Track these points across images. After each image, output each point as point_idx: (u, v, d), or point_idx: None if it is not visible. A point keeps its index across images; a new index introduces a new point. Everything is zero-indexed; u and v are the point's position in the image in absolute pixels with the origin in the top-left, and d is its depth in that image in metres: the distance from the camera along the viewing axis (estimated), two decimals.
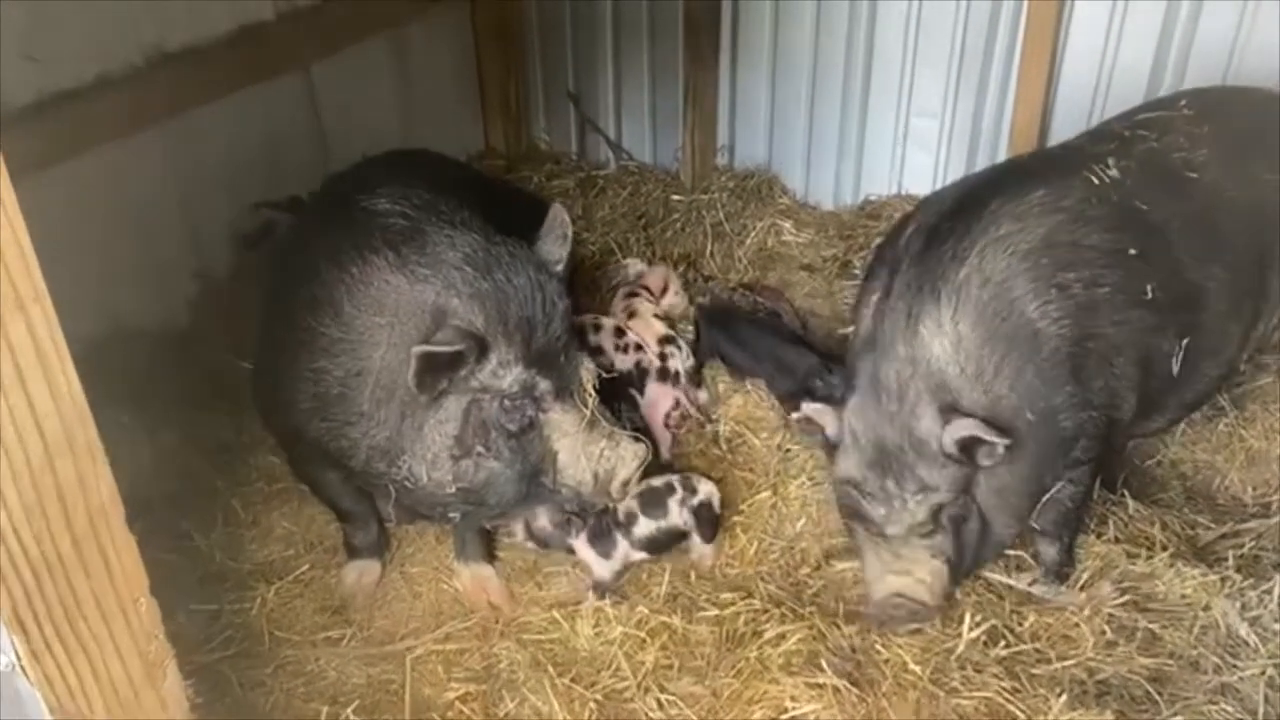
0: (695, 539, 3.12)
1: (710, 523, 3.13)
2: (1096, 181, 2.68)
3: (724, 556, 3.20)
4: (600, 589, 3.05)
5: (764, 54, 4.82)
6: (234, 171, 3.97)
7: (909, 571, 2.62)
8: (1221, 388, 3.36)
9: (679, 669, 2.80)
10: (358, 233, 2.67)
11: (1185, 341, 2.73)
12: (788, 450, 3.59)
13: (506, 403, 2.61)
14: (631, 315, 3.85)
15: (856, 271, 4.53)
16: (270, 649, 2.97)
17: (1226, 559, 2.95)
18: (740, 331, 3.92)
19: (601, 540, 3.03)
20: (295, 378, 2.74)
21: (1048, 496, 2.71)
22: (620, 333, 3.72)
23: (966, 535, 2.62)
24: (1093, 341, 2.57)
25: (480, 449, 2.64)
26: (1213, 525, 3.15)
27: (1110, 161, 2.73)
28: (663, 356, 3.69)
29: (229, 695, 2.78)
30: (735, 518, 3.31)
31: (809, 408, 2.70)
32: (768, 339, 3.87)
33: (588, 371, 2.75)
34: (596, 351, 3.61)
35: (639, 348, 3.69)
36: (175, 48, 3.69)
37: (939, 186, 4.55)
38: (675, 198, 4.98)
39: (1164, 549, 2.95)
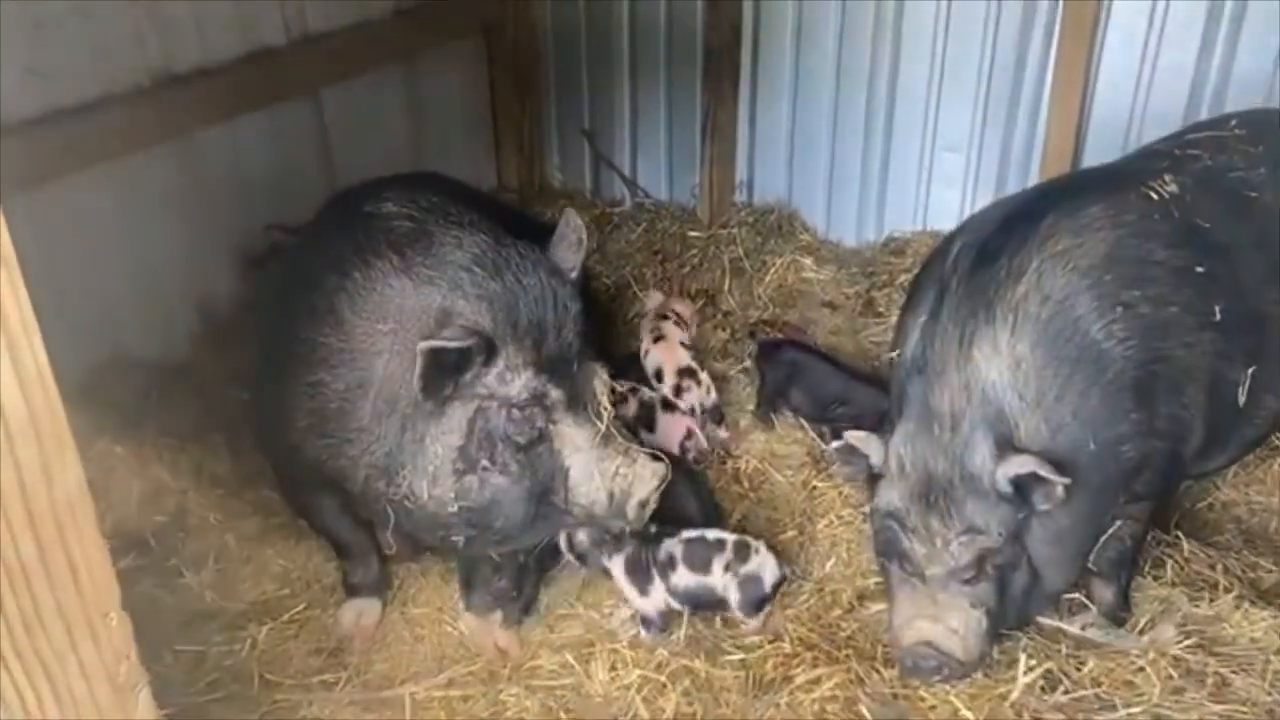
0: (735, 611, 2.83)
1: (755, 602, 2.81)
2: (1155, 197, 2.54)
3: None
4: (648, 625, 2.83)
5: (785, 87, 4.74)
6: (240, 196, 3.87)
7: (942, 619, 2.37)
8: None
9: (702, 717, 2.57)
10: (361, 237, 2.54)
11: (1252, 370, 2.54)
12: (814, 488, 3.42)
13: (515, 412, 2.44)
14: (658, 339, 3.72)
15: (880, 309, 4.40)
16: (260, 692, 2.76)
17: None
18: (810, 371, 3.68)
19: (639, 575, 2.81)
20: (293, 393, 2.59)
21: (1106, 536, 2.51)
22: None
23: (1013, 586, 2.40)
24: (1161, 365, 2.39)
25: (486, 463, 2.47)
26: (1274, 568, 2.95)
27: (1167, 178, 2.58)
28: (677, 389, 3.55)
29: None
30: None
31: (852, 435, 2.48)
32: (840, 378, 3.63)
33: (603, 383, 2.59)
34: None
35: (634, 390, 3.54)
36: (183, 69, 3.60)
37: None
38: (692, 234, 4.87)
39: (1227, 591, 2.74)
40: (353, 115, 4.30)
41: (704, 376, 3.64)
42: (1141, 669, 2.48)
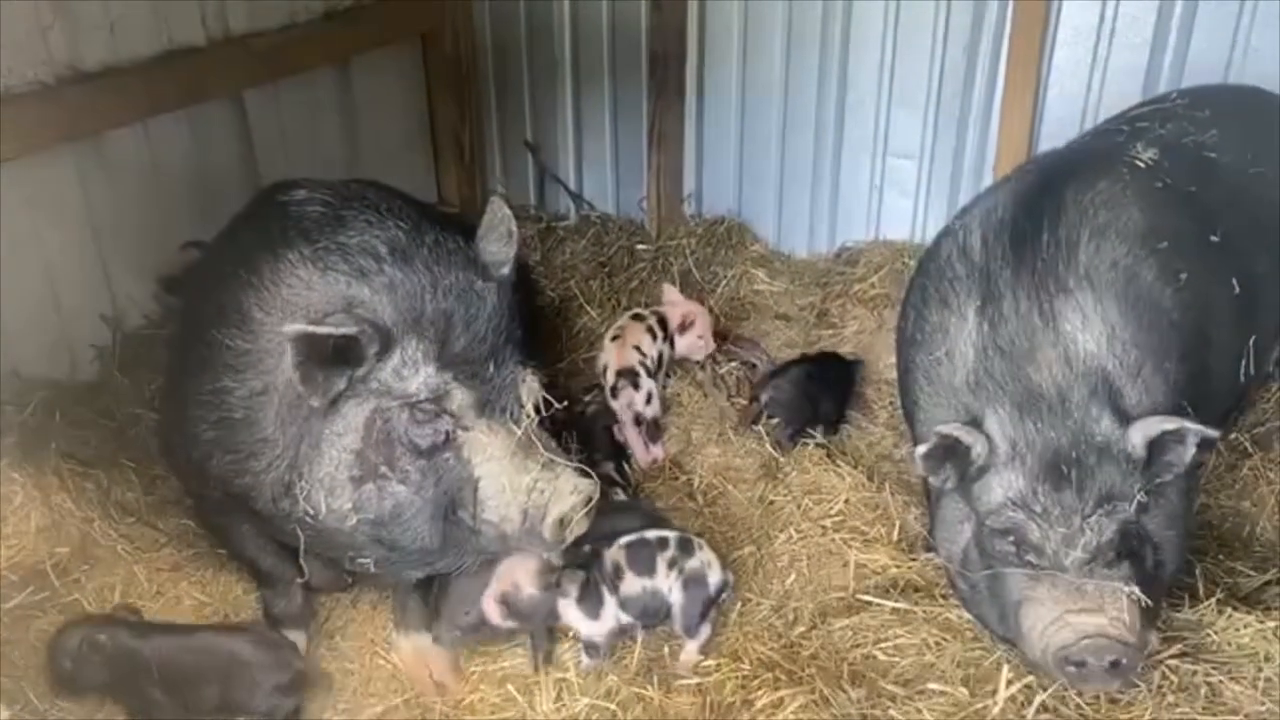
0: (678, 619, 2.61)
1: (700, 606, 2.60)
2: (1143, 166, 2.51)
3: None
4: (593, 652, 2.60)
5: (732, 95, 4.63)
6: (154, 203, 3.63)
7: (1100, 609, 2.13)
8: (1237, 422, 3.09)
9: None
10: (272, 229, 2.38)
11: (1254, 340, 2.51)
12: (771, 502, 3.26)
13: (416, 413, 2.24)
14: (615, 338, 3.61)
15: (835, 320, 4.28)
16: None
17: (1276, 606, 2.61)
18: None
19: (590, 599, 2.57)
20: (197, 402, 2.41)
21: None
22: None
23: (1144, 570, 2.24)
24: (1212, 335, 2.35)
25: (384, 469, 2.27)
26: (1253, 573, 2.82)
27: (1139, 146, 2.51)
28: (614, 390, 3.45)
29: None
30: None
31: (952, 428, 2.25)
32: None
33: (529, 389, 2.37)
34: None
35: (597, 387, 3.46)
36: (93, 66, 3.36)
37: (919, 231, 4.43)
38: (640, 246, 4.73)
39: (1208, 596, 2.60)
40: (280, 121, 4.10)
41: (646, 384, 3.51)
42: (1130, 681, 2.30)
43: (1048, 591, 2.18)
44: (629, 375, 3.49)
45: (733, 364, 3.97)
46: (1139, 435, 2.13)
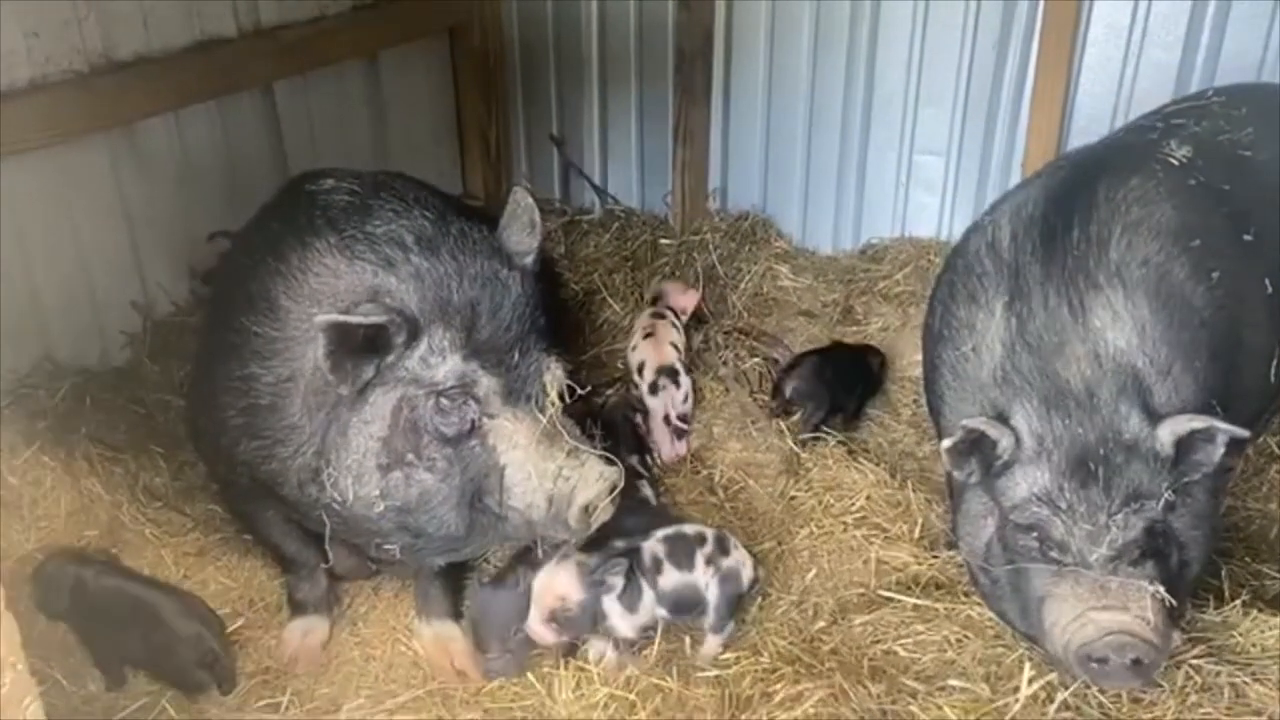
0: (710, 615, 2.61)
1: (731, 601, 2.62)
2: (1176, 163, 2.48)
3: None
4: (622, 645, 2.59)
5: (758, 91, 4.61)
6: (184, 192, 3.67)
7: (1124, 606, 2.11)
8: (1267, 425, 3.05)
9: None
10: (300, 218, 2.39)
11: None
12: (792, 498, 3.26)
13: (443, 401, 2.25)
14: (648, 335, 3.61)
15: (859, 317, 4.28)
16: (192, 716, 2.54)
17: None
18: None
19: (628, 592, 2.55)
20: (225, 389, 2.43)
21: None
22: None
23: (1170, 569, 2.22)
24: (1243, 335, 2.33)
25: (411, 457, 2.27)
26: (1278, 575, 2.80)
27: (1173, 144, 2.49)
28: (654, 386, 3.44)
29: None
30: None
31: (978, 422, 2.24)
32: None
33: (554, 377, 2.37)
34: None
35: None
36: (126, 56, 3.40)
37: (945, 228, 4.40)
38: (664, 241, 4.72)
39: (1233, 598, 2.58)
40: (309, 113, 4.12)
41: (685, 383, 3.52)
42: (1153, 681, 2.28)
43: (1071, 588, 2.16)
44: (670, 373, 3.49)
45: (755, 359, 3.97)
46: (1168, 433, 2.11)
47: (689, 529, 2.68)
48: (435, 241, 2.30)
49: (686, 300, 3.88)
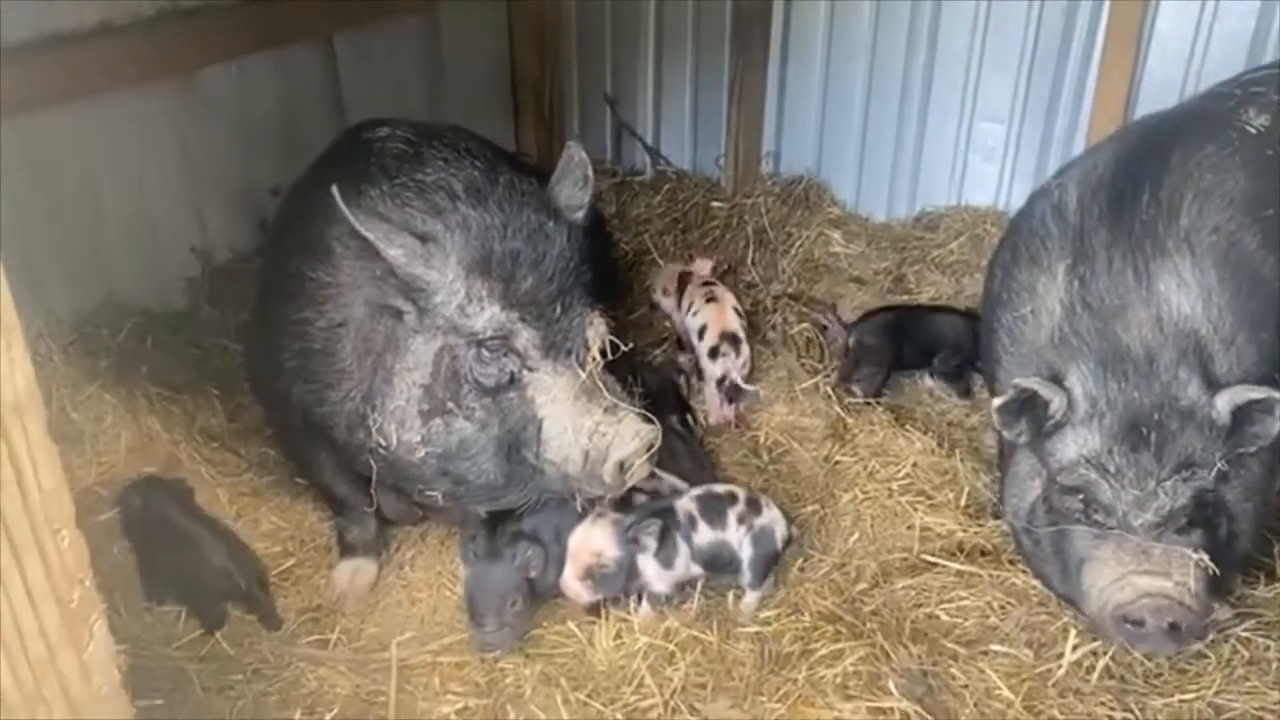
0: (745, 574, 2.63)
1: (766, 559, 2.63)
2: (1254, 132, 2.40)
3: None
4: (655, 600, 2.62)
5: (817, 53, 4.54)
6: (244, 140, 3.72)
7: (1166, 573, 2.10)
8: None
9: (713, 689, 2.39)
10: (355, 165, 2.42)
11: None
12: (837, 462, 3.24)
13: (483, 351, 2.25)
14: (710, 300, 3.59)
15: (911, 286, 4.22)
16: (244, 650, 2.61)
17: None
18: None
19: (664, 548, 2.57)
20: (280, 332, 2.48)
21: None
22: None
23: (1219, 539, 2.21)
24: None
25: (451, 405, 2.29)
26: None
27: (1252, 112, 2.42)
28: (714, 351, 3.43)
29: (190, 697, 2.40)
30: None
31: (1030, 381, 2.23)
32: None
33: (596, 332, 2.36)
34: None
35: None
36: (189, 4, 3.44)
37: (1003, 197, 4.32)
38: (715, 204, 4.68)
39: None
40: (367, 66, 4.14)
41: (746, 350, 3.49)
42: (1200, 653, 2.26)
43: (1113, 551, 2.16)
44: (732, 340, 3.47)
45: (804, 325, 3.95)
46: (1225, 403, 2.08)
47: (719, 488, 2.70)
48: (483, 191, 2.31)
49: (702, 267, 3.87)
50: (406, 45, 4.38)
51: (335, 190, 2.12)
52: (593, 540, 2.53)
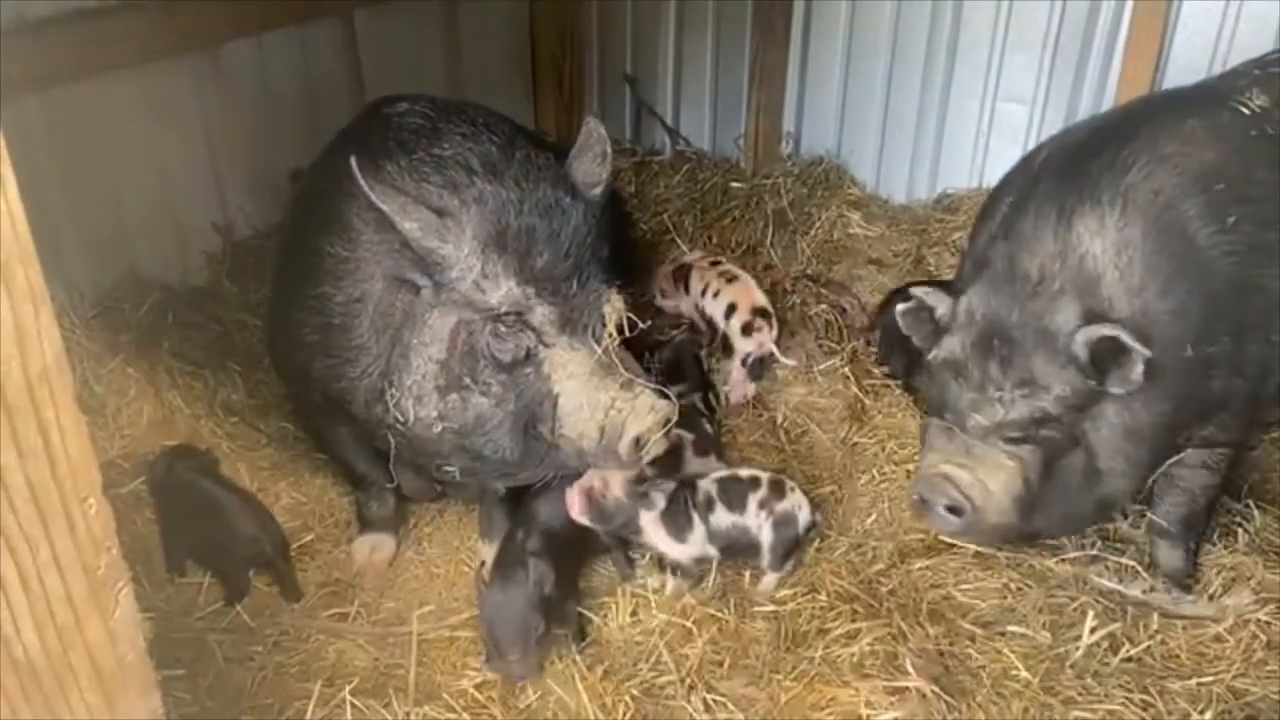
0: (765, 556, 2.64)
1: (787, 544, 2.63)
2: (1247, 112, 2.35)
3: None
4: (683, 573, 2.63)
5: (839, 32, 4.50)
6: (265, 116, 3.73)
7: (971, 467, 2.21)
8: None
9: (729, 667, 2.40)
10: (374, 140, 2.41)
11: None
12: (855, 444, 3.24)
13: (499, 327, 2.24)
14: (732, 280, 3.59)
15: (931, 268, 4.19)
16: (265, 622, 2.63)
17: None
18: None
19: (677, 521, 2.58)
20: (301, 306, 2.48)
21: (1169, 465, 2.39)
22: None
23: (1065, 470, 2.26)
24: (1258, 296, 2.22)
25: (468, 380, 2.29)
26: None
27: (1255, 92, 2.41)
28: (748, 326, 3.43)
29: (211, 667, 2.42)
30: None
31: (920, 291, 2.37)
32: None
33: (613, 308, 2.34)
34: None
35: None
36: None
37: None
38: (735, 184, 4.66)
39: None
40: (387, 43, 4.14)
41: (773, 325, 3.49)
42: (1218, 636, 2.26)
43: (943, 441, 2.27)
44: (764, 314, 3.47)
45: (821, 306, 3.93)
46: (1082, 336, 2.11)
47: (744, 472, 2.70)
48: (499, 167, 2.30)
49: (695, 255, 3.87)
50: (426, 22, 4.37)
51: (353, 163, 2.12)
52: (605, 475, 2.53)
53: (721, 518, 2.61)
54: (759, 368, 3.49)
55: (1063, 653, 2.27)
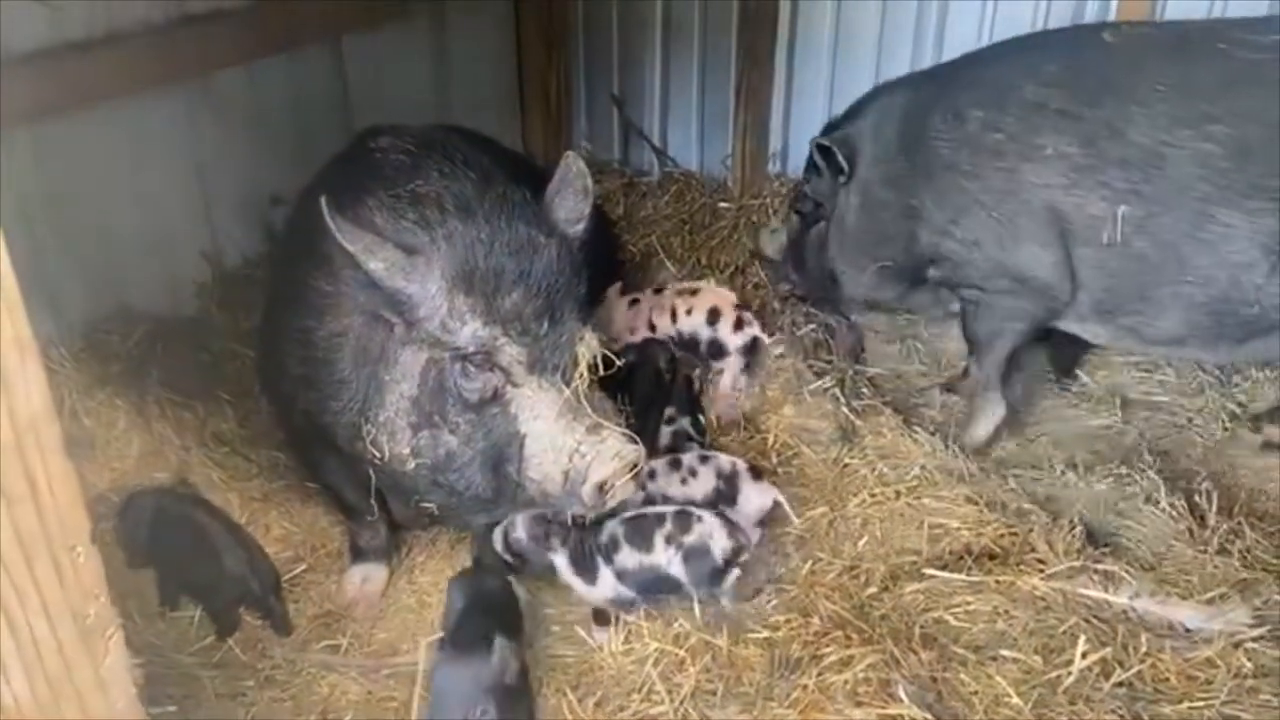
0: (690, 589, 2.58)
1: (708, 576, 2.55)
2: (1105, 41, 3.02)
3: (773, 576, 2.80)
4: (601, 618, 2.63)
5: (824, 52, 4.52)
6: (254, 145, 3.72)
7: None
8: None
9: (723, 695, 2.40)
10: (355, 174, 2.42)
11: (1123, 210, 2.78)
12: (845, 465, 3.24)
13: (468, 367, 2.23)
14: (695, 292, 3.60)
15: None
16: (256, 656, 2.64)
17: None
18: None
19: (583, 563, 2.57)
20: (287, 339, 2.48)
21: (877, 268, 3.47)
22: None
23: (811, 236, 3.60)
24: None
25: (437, 418, 2.28)
26: None
27: (1123, 29, 3.10)
28: (738, 322, 3.49)
29: (202, 704, 2.41)
30: (787, 533, 2.95)
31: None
32: None
33: (586, 349, 2.31)
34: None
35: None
36: (198, 9, 3.45)
37: None
38: (723, 204, 4.68)
39: None
40: (375, 68, 4.15)
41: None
42: (1209, 659, 2.27)
43: None
44: (745, 306, 3.56)
45: (811, 326, 3.94)
46: (819, 138, 3.47)
47: (650, 510, 2.65)
48: (472, 204, 2.28)
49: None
50: (414, 45, 4.37)
51: (323, 202, 2.12)
52: (516, 518, 2.59)
53: (627, 558, 2.57)
54: (752, 351, 3.53)
55: (1054, 678, 2.28)
